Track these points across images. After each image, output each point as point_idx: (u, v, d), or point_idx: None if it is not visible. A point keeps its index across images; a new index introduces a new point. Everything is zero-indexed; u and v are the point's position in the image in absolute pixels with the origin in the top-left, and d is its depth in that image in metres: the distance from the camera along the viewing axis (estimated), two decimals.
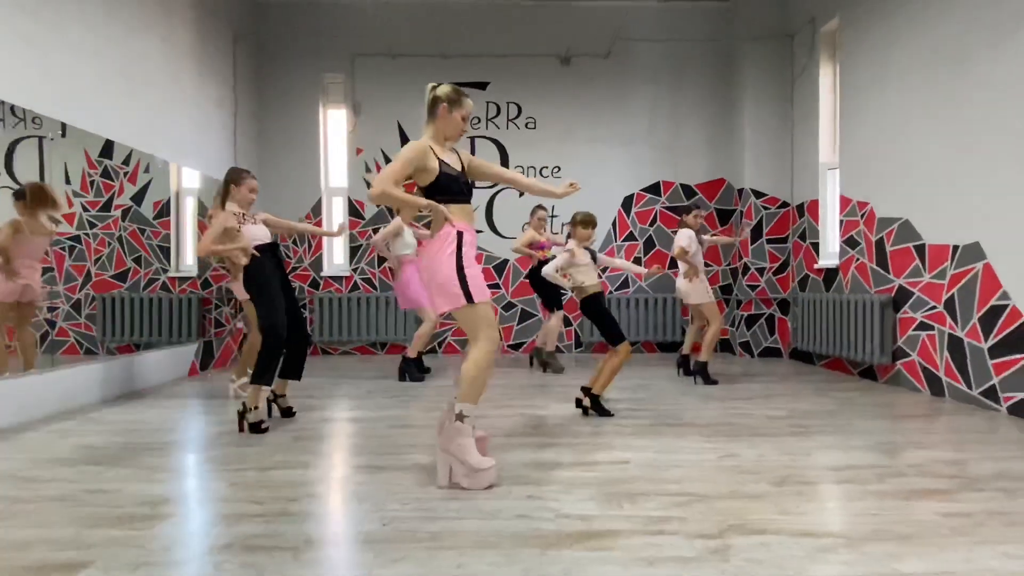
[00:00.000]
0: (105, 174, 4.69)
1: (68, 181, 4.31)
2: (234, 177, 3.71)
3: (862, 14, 5.24)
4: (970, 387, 4.11)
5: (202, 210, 5.94)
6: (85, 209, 4.47)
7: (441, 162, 2.60)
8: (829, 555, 1.86)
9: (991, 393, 3.93)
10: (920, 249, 4.58)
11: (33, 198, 3.92)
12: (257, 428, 3.34)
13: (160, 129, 5.22)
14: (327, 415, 3.84)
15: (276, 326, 3.43)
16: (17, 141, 3.90)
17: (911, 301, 4.67)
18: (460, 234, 2.50)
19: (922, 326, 4.55)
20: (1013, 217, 3.76)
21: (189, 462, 2.84)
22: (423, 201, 2.51)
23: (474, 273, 2.52)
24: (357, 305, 6.96)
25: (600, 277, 3.93)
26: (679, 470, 2.68)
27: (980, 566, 1.79)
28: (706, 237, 5.33)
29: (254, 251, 3.52)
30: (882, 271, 5.01)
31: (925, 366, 4.52)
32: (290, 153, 7.03)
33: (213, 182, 6.03)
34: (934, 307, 4.43)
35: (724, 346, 7.02)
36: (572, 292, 3.93)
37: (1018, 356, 3.74)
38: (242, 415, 3.36)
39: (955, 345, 4.23)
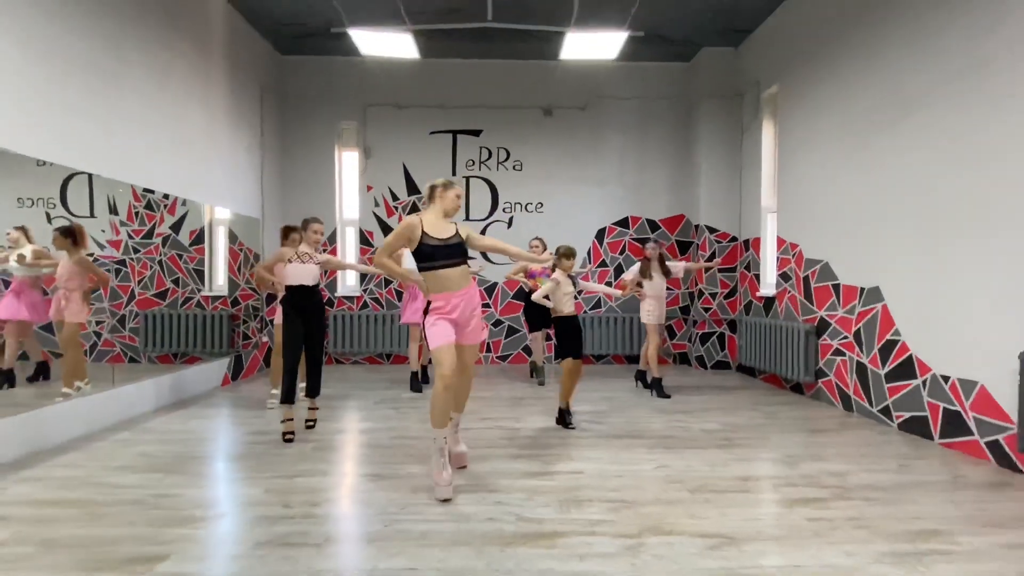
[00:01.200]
0: (148, 206, 5.00)
1: (116, 212, 4.56)
2: (303, 224, 4.16)
3: (796, 83, 5.68)
4: (871, 405, 4.56)
5: (232, 238, 6.32)
6: (130, 236, 4.78)
7: (424, 234, 3.00)
8: (715, 552, 2.30)
9: (886, 411, 4.39)
10: (836, 288, 5.03)
11: (79, 236, 4.07)
12: (285, 439, 3.80)
13: (200, 178, 5.62)
14: (341, 426, 4.26)
15: (285, 351, 3.88)
16: (70, 177, 4.13)
17: (829, 330, 5.12)
18: (428, 303, 3.01)
19: (837, 352, 5.00)
20: (904, 269, 4.21)
21: (230, 470, 3.26)
22: (405, 273, 3.06)
23: (435, 332, 2.92)
24: (366, 321, 7.38)
25: (576, 298, 4.38)
26: (620, 479, 3.12)
27: (824, 562, 2.24)
28: (684, 264, 5.77)
29: (284, 288, 4.01)
30: (808, 303, 5.46)
31: (839, 385, 4.97)
32: (310, 190, 7.44)
33: (243, 217, 6.43)
34: (846, 336, 4.88)
35: (683, 359, 7.46)
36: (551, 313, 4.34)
37: (906, 382, 4.19)
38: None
39: (861, 370, 4.68)
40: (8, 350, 3.64)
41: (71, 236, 3.98)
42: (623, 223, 7.60)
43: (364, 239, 7.53)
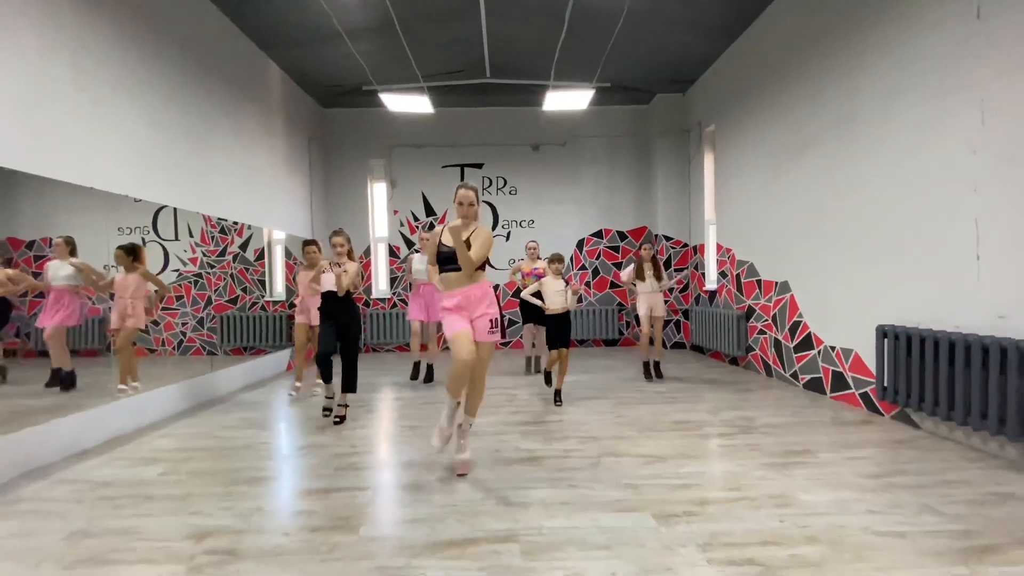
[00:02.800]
0: (222, 231, 5.43)
1: (191, 235, 4.91)
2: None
3: (728, 124, 6.28)
4: (784, 371, 5.17)
5: (288, 254, 6.90)
6: (205, 255, 5.15)
7: (440, 243, 2.90)
8: (648, 466, 2.91)
9: (795, 375, 4.99)
10: (759, 282, 5.64)
11: (139, 254, 4.04)
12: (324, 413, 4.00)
13: (265, 208, 6.23)
14: (382, 395, 4.86)
15: (318, 348, 3.91)
16: (160, 209, 4.51)
17: (755, 316, 5.73)
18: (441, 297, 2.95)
19: (761, 332, 5.61)
20: (804, 267, 4.81)
21: (304, 425, 3.87)
22: (434, 279, 2.97)
23: (447, 322, 2.81)
24: (395, 318, 7.99)
25: (581, 300, 4.66)
26: (588, 425, 3.73)
27: (723, 470, 2.85)
28: (660, 283, 5.33)
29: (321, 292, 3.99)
30: (739, 294, 6.07)
31: (763, 357, 5.58)
32: (348, 214, 8.05)
33: (295, 237, 7.01)
34: (767, 320, 5.49)
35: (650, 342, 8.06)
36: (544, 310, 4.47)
37: (807, 352, 4.80)
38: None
39: (777, 345, 5.29)
40: (52, 352, 3.34)
41: (132, 254, 3.90)
42: (598, 234, 8.20)
43: (392, 252, 8.14)
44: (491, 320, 2.85)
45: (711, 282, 7.02)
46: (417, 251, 6.95)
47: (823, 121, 4.48)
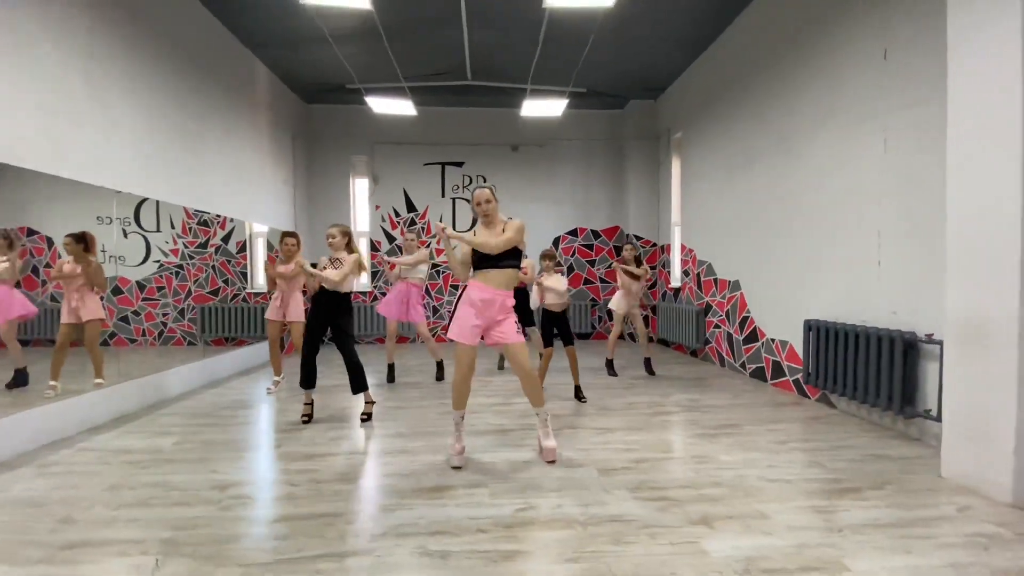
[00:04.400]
0: (203, 223, 5.72)
1: (172, 226, 5.19)
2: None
3: (692, 132, 6.97)
4: (735, 361, 5.90)
5: (270, 247, 7.31)
6: (186, 247, 5.43)
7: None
8: (599, 436, 3.56)
9: (743, 365, 5.72)
10: (716, 281, 6.36)
11: (91, 243, 3.90)
12: (302, 419, 3.92)
13: (252, 203, 6.68)
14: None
15: (303, 349, 3.94)
16: (142, 202, 4.67)
17: (711, 311, 6.45)
18: (466, 287, 3.11)
19: (716, 326, 6.33)
20: (751, 267, 5.53)
21: (295, 404, 4.41)
22: (461, 273, 3.12)
23: (461, 313, 2.99)
24: (375, 312, 8.49)
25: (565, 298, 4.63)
26: (553, 406, 4.36)
27: (659, 438, 3.51)
28: (635, 287, 5.58)
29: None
30: (700, 292, 6.79)
31: (718, 350, 6.31)
32: (330, 209, 8.51)
33: (278, 230, 7.44)
34: (721, 315, 6.21)
35: (620, 336, 8.76)
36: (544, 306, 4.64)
37: (752, 344, 5.52)
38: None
39: (729, 338, 6.02)
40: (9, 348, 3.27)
41: (83, 242, 3.76)
42: (573, 232, 8.85)
43: (373, 246, 8.65)
44: (516, 321, 3.08)
45: (676, 280, 7.74)
46: (400, 250, 7.42)
47: (768, 136, 5.18)
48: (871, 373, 3.75)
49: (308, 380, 3.96)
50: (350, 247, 4.08)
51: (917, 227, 3.53)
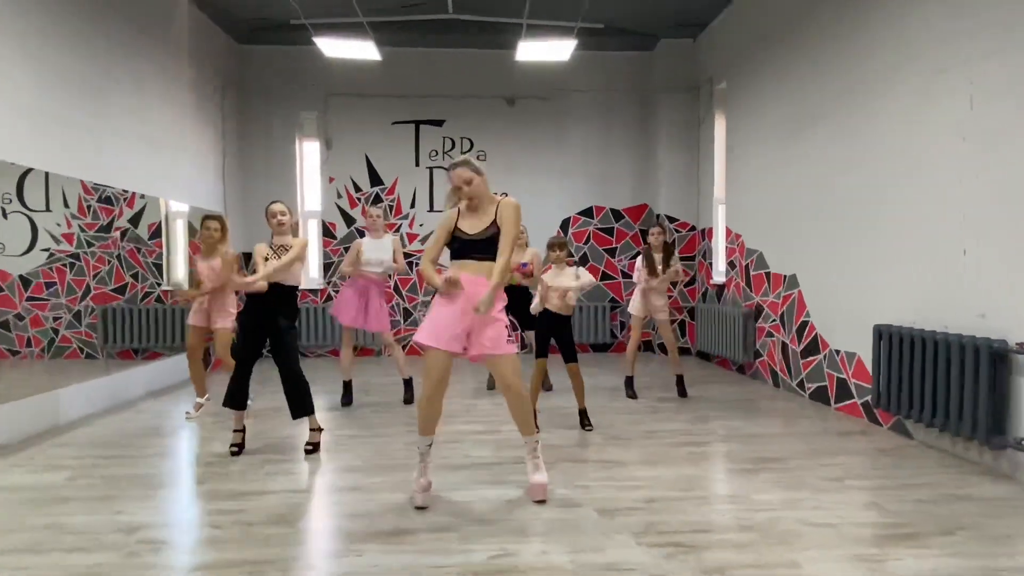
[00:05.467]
0: (104, 200, 5.87)
1: (66, 205, 5.38)
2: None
3: (742, 80, 7.14)
4: (791, 379, 6.09)
5: (192, 232, 7.49)
6: (83, 231, 5.57)
7: (457, 228, 3.27)
8: (603, 470, 3.76)
9: (802, 385, 5.91)
10: (768, 276, 6.55)
11: None
12: (231, 451, 4.09)
13: (169, 175, 6.89)
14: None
15: (236, 358, 4.14)
16: (26, 173, 4.77)
17: (762, 315, 6.64)
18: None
19: (768, 334, 6.53)
20: (812, 258, 5.72)
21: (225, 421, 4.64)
22: (438, 283, 3.17)
23: (436, 312, 3.17)
24: (330, 315, 8.71)
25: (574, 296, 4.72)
26: (552, 435, 4.56)
27: (679, 473, 3.71)
28: (654, 282, 5.74)
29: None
30: (748, 290, 6.98)
31: (770, 364, 6.50)
32: (270, 180, 8.73)
33: (204, 211, 7.64)
34: (775, 319, 6.40)
35: (647, 346, 8.96)
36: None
37: (813, 357, 5.71)
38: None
39: (784, 349, 6.21)
40: None
41: None
42: (587, 213, 9.06)
43: (327, 231, 8.88)
44: (506, 326, 3.20)
45: (719, 274, 7.92)
46: (363, 233, 7.61)
47: (830, 90, 5.36)
48: (953, 392, 3.93)
49: (236, 398, 4.09)
50: (295, 230, 4.29)
51: (1012, 208, 3.70)
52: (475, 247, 3.24)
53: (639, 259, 5.87)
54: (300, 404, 4.12)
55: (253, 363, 4.16)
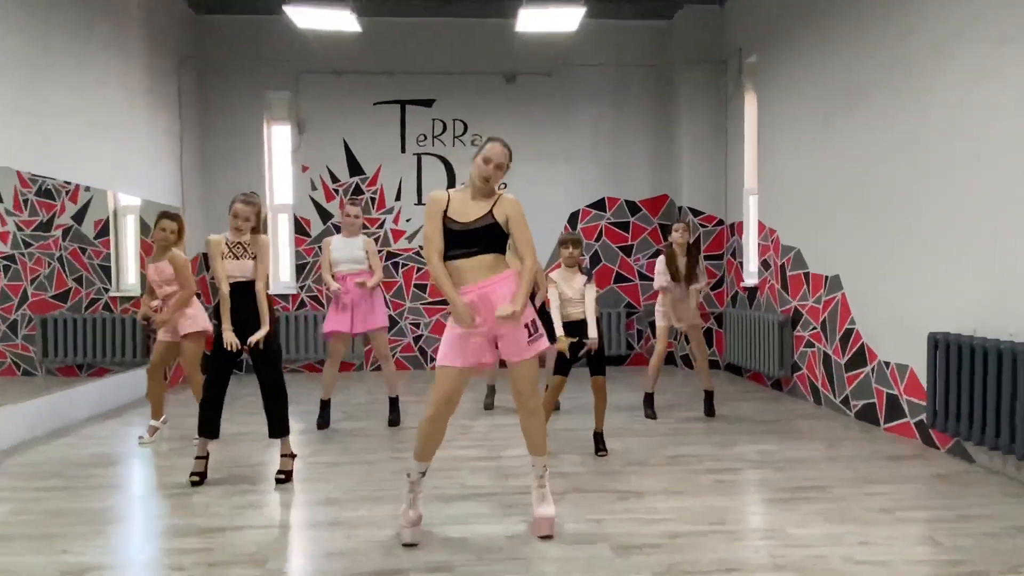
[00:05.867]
0: (44, 193, 5.90)
1: (0, 200, 5.39)
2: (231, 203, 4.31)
3: (776, 53, 7.18)
4: (835, 396, 6.12)
5: (144, 229, 7.52)
6: (19, 228, 5.59)
7: (448, 217, 3.27)
8: (619, 501, 3.79)
9: (846, 402, 5.94)
10: (807, 276, 6.58)
11: None
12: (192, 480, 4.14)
13: (118, 164, 6.93)
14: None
15: (207, 378, 4.24)
16: None
17: (801, 322, 6.67)
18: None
19: (807, 344, 6.56)
20: (857, 257, 5.75)
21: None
22: (459, 305, 3.20)
23: (449, 335, 3.28)
24: (304, 322, 8.76)
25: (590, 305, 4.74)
26: (560, 461, 4.59)
27: (706, 505, 3.74)
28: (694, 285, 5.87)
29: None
30: (784, 293, 7.01)
31: (810, 378, 6.53)
32: (234, 170, 8.74)
33: (158, 205, 7.67)
34: (815, 327, 6.43)
35: (668, 359, 8.98)
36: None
37: (859, 370, 5.74)
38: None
39: (826, 360, 6.24)
40: None
41: None
42: (599, 205, 9.11)
43: (300, 227, 8.92)
44: (527, 325, 3.29)
45: (750, 275, 7.96)
46: (337, 229, 7.62)
47: (878, 63, 5.40)
48: (1019, 410, 3.96)
49: (211, 425, 4.20)
50: (257, 228, 4.34)
51: None
52: (465, 239, 3.28)
53: (660, 260, 5.91)
54: (279, 421, 4.22)
55: (228, 378, 4.25)
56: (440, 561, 3.06)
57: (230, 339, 4.08)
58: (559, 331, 4.67)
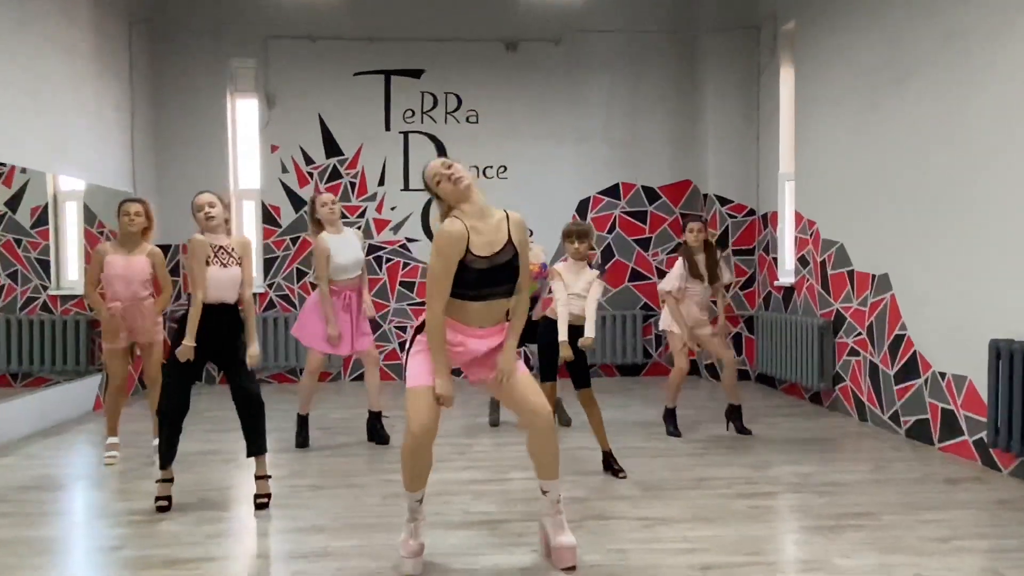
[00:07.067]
0: None
1: None
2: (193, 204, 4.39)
3: (816, 19, 7.29)
4: (882, 412, 6.24)
5: (89, 218, 7.58)
6: None
7: (470, 252, 3.22)
8: (644, 529, 3.90)
9: (896, 418, 6.07)
10: (851, 276, 6.70)
11: None
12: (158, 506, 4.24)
13: (58, 143, 6.95)
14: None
15: (166, 401, 4.28)
16: None
17: (845, 327, 6.79)
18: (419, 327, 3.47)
19: (852, 352, 6.68)
20: (909, 255, 5.87)
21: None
22: (444, 382, 3.24)
23: (420, 357, 3.36)
24: (274, 326, 8.84)
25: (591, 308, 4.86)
26: (574, 484, 4.70)
27: (742, 533, 3.86)
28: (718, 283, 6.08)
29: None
30: (825, 294, 7.14)
31: (854, 391, 6.65)
32: (193, 150, 8.82)
33: (105, 189, 7.73)
34: (860, 333, 6.56)
35: (691, 368, 9.09)
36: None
37: (911, 382, 5.87)
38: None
39: (872, 371, 6.36)
40: None
41: None
42: (612, 191, 9.22)
43: (268, 216, 9.00)
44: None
45: (786, 274, 8.08)
46: (319, 223, 7.71)
47: (932, 32, 5.51)
48: None
49: (168, 453, 4.27)
50: (228, 227, 4.48)
51: None
52: (491, 278, 3.30)
53: (678, 263, 5.99)
54: (257, 436, 4.33)
55: (187, 403, 4.30)
56: None
57: (188, 353, 4.12)
58: (563, 334, 4.76)
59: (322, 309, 5.60)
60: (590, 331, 4.84)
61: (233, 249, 4.35)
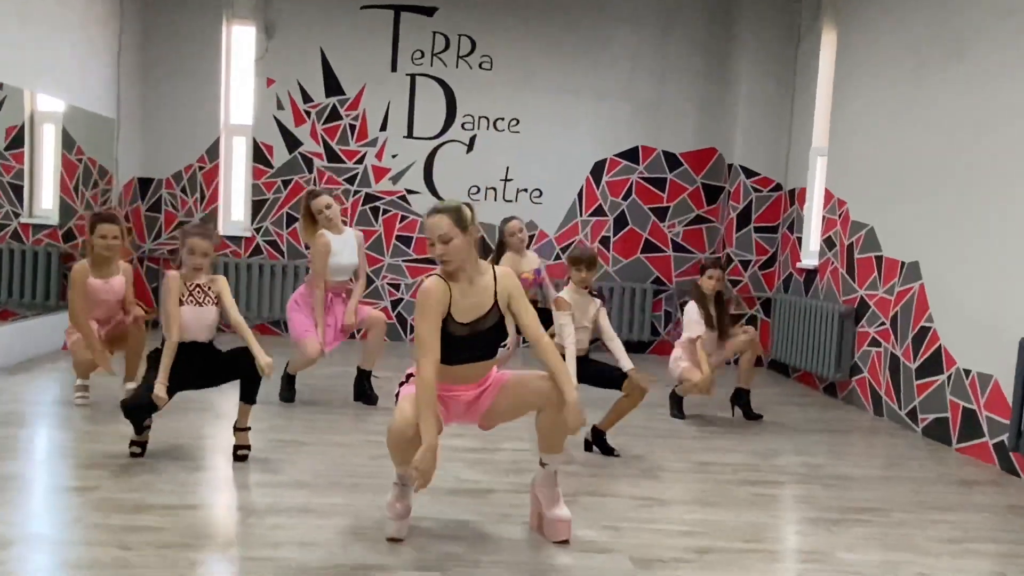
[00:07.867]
0: None
1: None
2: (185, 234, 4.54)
3: None
4: (900, 407, 6.36)
5: (68, 143, 7.61)
6: None
7: (451, 317, 3.36)
8: (640, 508, 4.03)
9: (913, 415, 6.19)
10: (879, 261, 6.79)
11: None
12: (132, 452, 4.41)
13: (37, 59, 6.97)
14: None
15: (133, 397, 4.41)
16: None
17: (868, 315, 6.89)
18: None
19: (872, 342, 6.79)
20: (942, 243, 5.95)
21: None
22: (428, 455, 3.19)
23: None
24: (259, 273, 8.93)
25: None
26: (569, 458, 4.82)
27: (742, 520, 3.98)
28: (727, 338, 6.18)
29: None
30: (850, 279, 7.22)
31: (871, 384, 6.77)
32: (182, 77, 8.85)
33: (86, 113, 7.76)
34: (883, 323, 6.66)
35: None
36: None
37: (933, 378, 5.98)
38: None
39: (894, 363, 6.47)
40: None
41: None
42: (631, 155, 9.27)
43: (260, 155, 9.04)
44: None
45: (810, 255, 8.16)
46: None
47: (990, 9, 5.54)
48: None
49: (139, 426, 4.38)
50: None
51: None
52: (476, 344, 3.47)
53: (691, 307, 6.03)
54: (256, 387, 4.52)
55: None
56: (431, 559, 3.28)
57: (161, 394, 4.21)
58: (574, 378, 4.37)
59: (312, 303, 5.79)
60: (627, 363, 4.88)
61: (209, 288, 4.52)
